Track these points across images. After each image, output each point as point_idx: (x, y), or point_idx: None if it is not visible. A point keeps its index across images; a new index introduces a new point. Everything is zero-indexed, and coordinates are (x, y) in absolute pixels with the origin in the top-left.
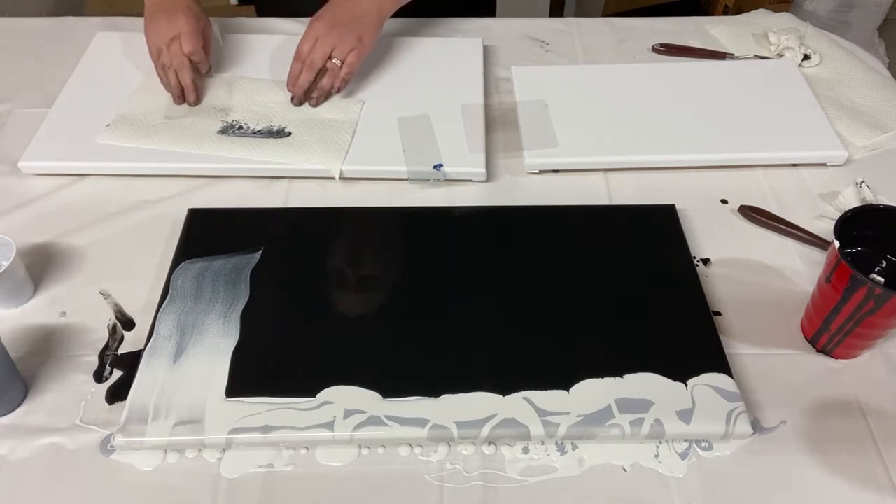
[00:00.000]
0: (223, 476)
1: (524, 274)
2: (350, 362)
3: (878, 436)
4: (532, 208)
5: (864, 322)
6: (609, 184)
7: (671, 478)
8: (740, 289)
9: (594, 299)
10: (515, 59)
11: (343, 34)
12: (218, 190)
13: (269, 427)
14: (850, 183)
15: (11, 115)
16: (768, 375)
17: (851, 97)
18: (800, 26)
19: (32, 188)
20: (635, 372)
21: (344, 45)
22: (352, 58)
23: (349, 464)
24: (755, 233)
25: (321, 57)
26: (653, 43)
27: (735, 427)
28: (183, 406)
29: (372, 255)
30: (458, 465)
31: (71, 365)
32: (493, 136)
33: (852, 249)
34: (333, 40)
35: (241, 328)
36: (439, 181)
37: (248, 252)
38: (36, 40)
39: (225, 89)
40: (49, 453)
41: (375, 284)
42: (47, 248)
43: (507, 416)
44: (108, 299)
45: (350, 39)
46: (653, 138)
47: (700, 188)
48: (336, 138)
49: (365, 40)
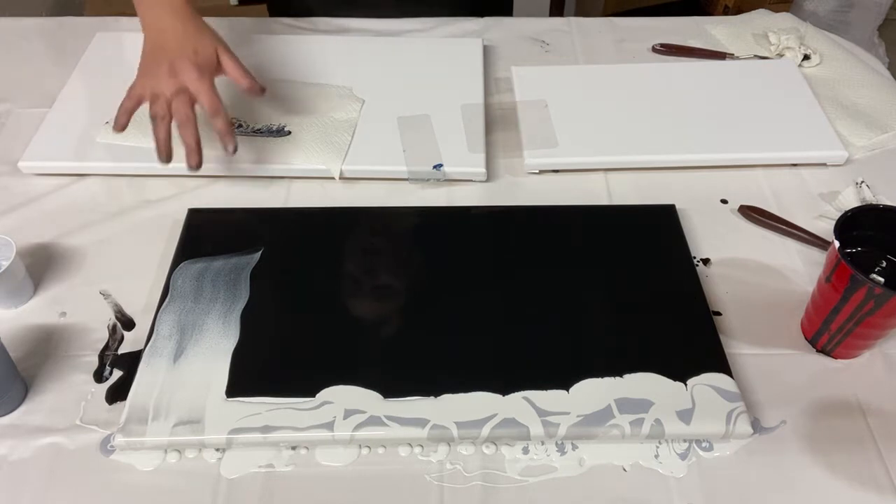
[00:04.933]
0: (223, 476)
1: (524, 274)
2: (350, 362)
3: (878, 436)
4: (532, 208)
5: (864, 322)
6: (609, 184)
7: (671, 478)
8: (740, 289)
9: (594, 299)
10: (515, 59)
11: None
12: (218, 190)
13: (269, 427)
14: (850, 183)
15: (11, 115)
16: (768, 375)
17: (851, 97)
18: (800, 26)
19: (32, 188)
20: (635, 372)
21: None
22: (199, 85)
23: (349, 464)
24: (755, 233)
25: (183, 105)
26: (653, 43)
27: (735, 427)
28: (183, 406)
29: (372, 256)
30: (458, 465)
31: (71, 365)
32: (493, 136)
33: (852, 249)
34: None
35: (241, 328)
36: (439, 181)
37: (248, 252)
38: (36, 40)
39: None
40: (49, 453)
41: (375, 284)
42: (47, 248)
43: (507, 416)
44: (108, 299)
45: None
46: (653, 138)
47: (700, 188)
48: (336, 138)
49: (199, 58)
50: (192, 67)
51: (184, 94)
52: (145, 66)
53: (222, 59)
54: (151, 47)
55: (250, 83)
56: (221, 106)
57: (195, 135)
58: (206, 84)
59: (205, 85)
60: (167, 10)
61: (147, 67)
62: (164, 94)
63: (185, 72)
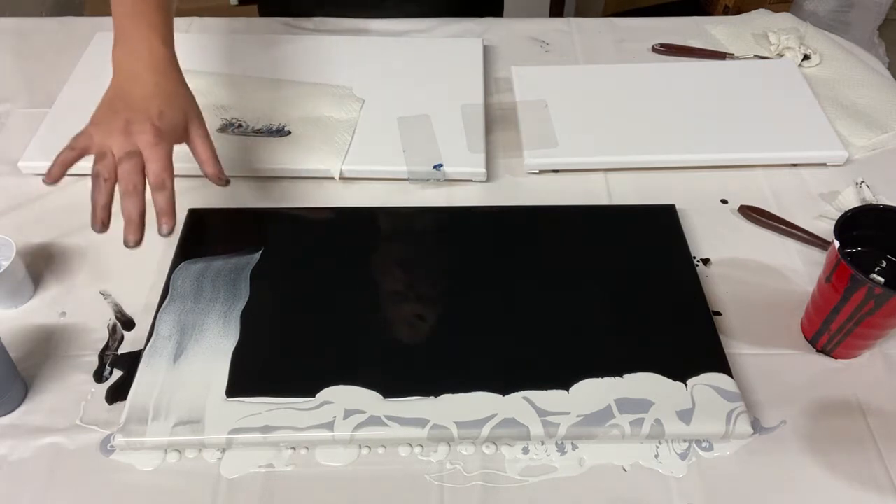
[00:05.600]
0: (223, 476)
1: (524, 274)
2: (350, 362)
3: (878, 436)
4: (532, 208)
5: (864, 322)
6: (609, 184)
7: (671, 478)
8: (740, 289)
9: (594, 299)
10: (515, 59)
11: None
12: (218, 190)
13: (269, 427)
14: (850, 183)
15: (11, 115)
16: (768, 375)
17: (851, 97)
18: (800, 26)
19: (32, 188)
20: (635, 372)
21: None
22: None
23: (349, 464)
24: (755, 233)
25: (132, 171)
26: (653, 43)
27: (735, 427)
28: (183, 406)
29: (371, 255)
30: (458, 465)
31: (71, 365)
32: (493, 136)
33: (852, 249)
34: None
35: (241, 328)
36: (439, 181)
37: (248, 252)
38: (36, 40)
39: (224, 87)
40: (49, 453)
41: (375, 284)
42: (47, 248)
43: (507, 416)
44: (108, 299)
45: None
46: (653, 138)
47: (700, 188)
48: (336, 138)
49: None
50: (151, 130)
51: (134, 158)
52: (100, 115)
53: (192, 130)
54: (114, 94)
55: (215, 171)
56: (171, 180)
57: (140, 206)
58: (160, 152)
59: (159, 153)
60: (144, 55)
61: (101, 116)
62: (112, 151)
63: (141, 133)
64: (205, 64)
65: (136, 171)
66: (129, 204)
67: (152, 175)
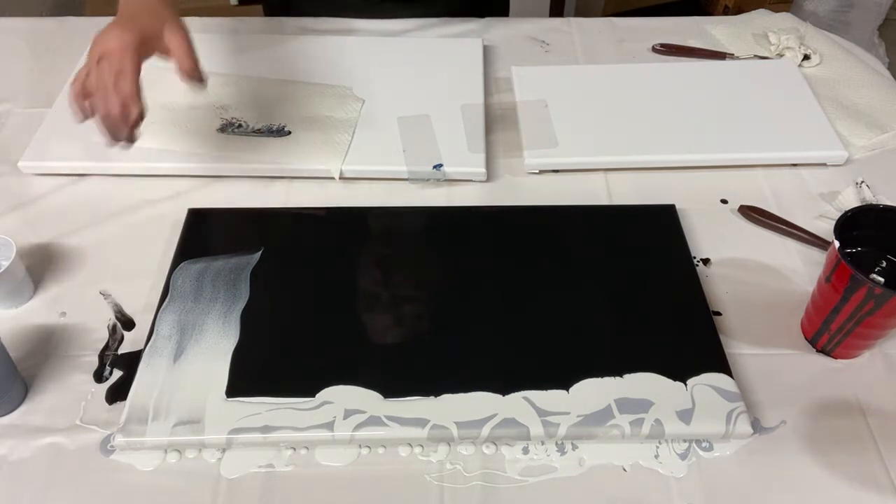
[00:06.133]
0: (223, 476)
1: (524, 274)
2: (350, 362)
3: (878, 436)
4: (532, 208)
5: (864, 322)
6: (609, 184)
7: (671, 478)
8: (740, 289)
9: (594, 299)
10: (515, 59)
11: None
12: (218, 190)
13: (269, 427)
14: (850, 183)
15: (11, 115)
16: (768, 375)
17: (851, 97)
18: (800, 26)
19: (32, 188)
20: (635, 372)
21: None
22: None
23: (349, 464)
24: (755, 233)
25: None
26: (653, 43)
27: (735, 427)
28: (183, 406)
29: (371, 255)
30: (458, 465)
31: (71, 365)
32: (493, 136)
33: (852, 249)
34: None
35: (241, 328)
36: (439, 181)
37: (248, 252)
38: (36, 40)
39: (224, 87)
40: (49, 453)
41: (375, 284)
42: (47, 248)
43: (507, 416)
44: (108, 299)
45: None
46: (653, 138)
47: (700, 188)
48: (336, 138)
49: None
50: (118, 34)
51: (105, 61)
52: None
53: (168, 34)
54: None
55: (190, 65)
56: (131, 77)
57: (112, 103)
58: (127, 56)
59: (124, 57)
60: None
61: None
62: (90, 64)
63: (110, 39)
64: (205, 64)
65: (108, 72)
66: (101, 101)
67: (113, 76)
